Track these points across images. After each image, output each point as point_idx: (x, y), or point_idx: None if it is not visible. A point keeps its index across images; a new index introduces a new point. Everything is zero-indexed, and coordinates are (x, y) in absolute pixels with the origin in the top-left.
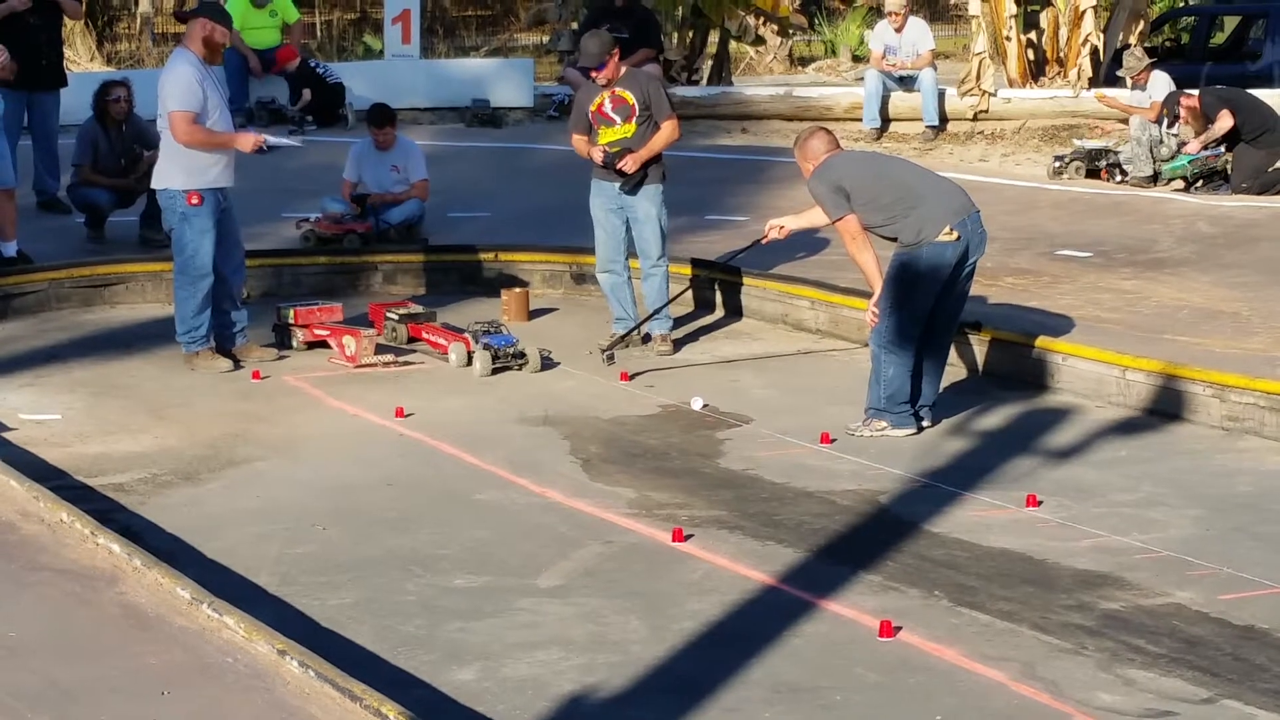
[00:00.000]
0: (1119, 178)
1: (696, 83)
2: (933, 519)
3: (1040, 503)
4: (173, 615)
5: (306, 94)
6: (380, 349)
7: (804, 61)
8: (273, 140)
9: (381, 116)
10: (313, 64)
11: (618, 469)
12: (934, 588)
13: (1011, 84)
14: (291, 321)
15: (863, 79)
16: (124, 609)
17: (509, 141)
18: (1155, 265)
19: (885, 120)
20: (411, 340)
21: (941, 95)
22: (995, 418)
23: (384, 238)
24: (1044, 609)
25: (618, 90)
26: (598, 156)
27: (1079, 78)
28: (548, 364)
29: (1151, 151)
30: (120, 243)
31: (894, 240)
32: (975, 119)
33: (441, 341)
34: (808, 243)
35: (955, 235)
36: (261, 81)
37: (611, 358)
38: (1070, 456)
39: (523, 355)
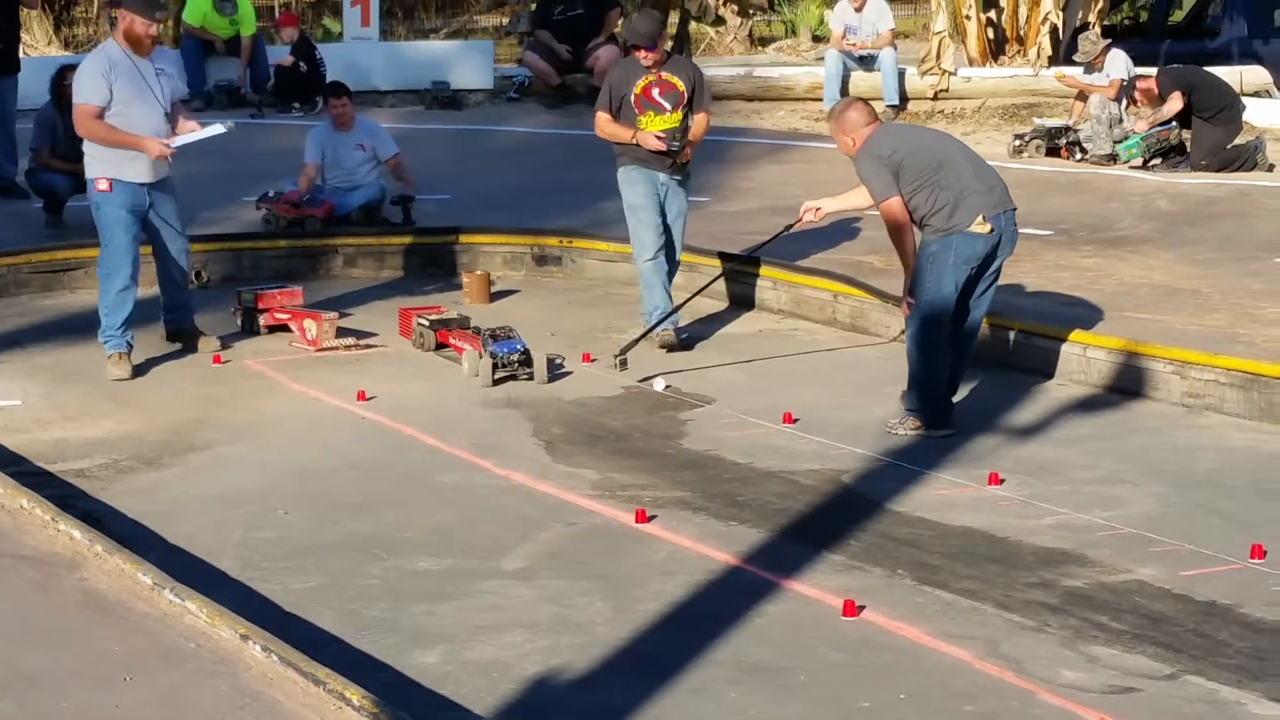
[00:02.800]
0: (1079, 156)
1: None
2: (896, 498)
3: (1003, 481)
4: (134, 601)
5: (301, 65)
6: (341, 332)
7: (764, 41)
8: (187, 139)
9: (334, 88)
10: (313, 42)
11: (581, 451)
12: (897, 567)
13: (971, 63)
14: (253, 305)
15: (823, 59)
16: (85, 595)
17: (469, 123)
18: (1116, 243)
19: None
20: (440, 346)
21: (902, 75)
22: (957, 396)
23: (345, 221)
24: (1007, 587)
25: (665, 75)
26: (653, 143)
27: (1039, 56)
28: (557, 374)
29: (1110, 129)
30: (79, 228)
31: (920, 225)
32: (935, 98)
33: (463, 346)
34: (769, 224)
35: (989, 228)
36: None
37: (625, 363)
38: (1032, 434)
39: (529, 363)
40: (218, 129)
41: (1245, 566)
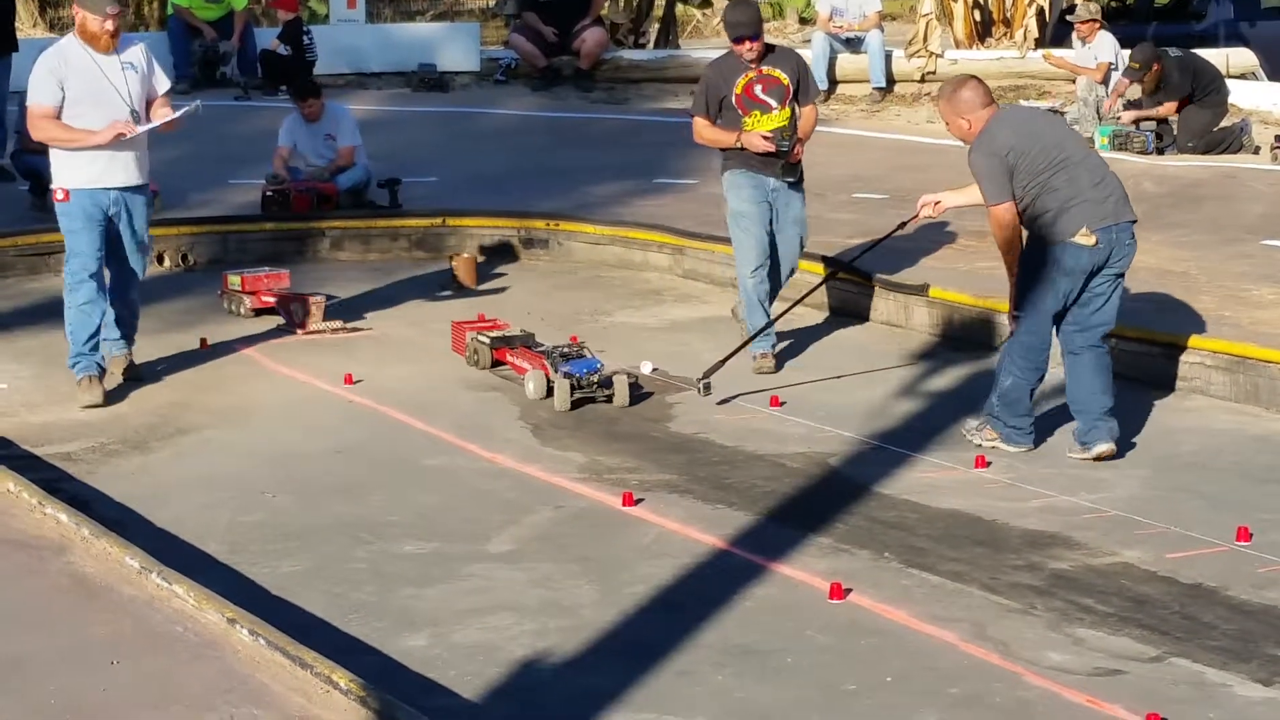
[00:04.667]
0: None
1: (643, 46)
2: (882, 481)
3: (989, 463)
4: (121, 584)
5: (284, 49)
6: (328, 315)
7: None
8: (153, 125)
9: (304, 90)
10: (305, 29)
11: (567, 434)
12: (884, 549)
13: (958, 45)
14: (239, 288)
15: (810, 41)
16: (72, 579)
17: (456, 106)
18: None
19: (833, 82)
20: (496, 364)
21: (889, 57)
22: (944, 379)
23: (331, 204)
24: (993, 569)
25: (766, 69)
26: (760, 144)
27: (1025, 38)
28: (638, 396)
29: (1098, 112)
30: None
31: (1025, 228)
32: (923, 80)
33: (524, 365)
34: None
35: (1094, 240)
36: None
37: (709, 387)
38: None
39: (609, 384)
40: (185, 110)
41: (1231, 549)
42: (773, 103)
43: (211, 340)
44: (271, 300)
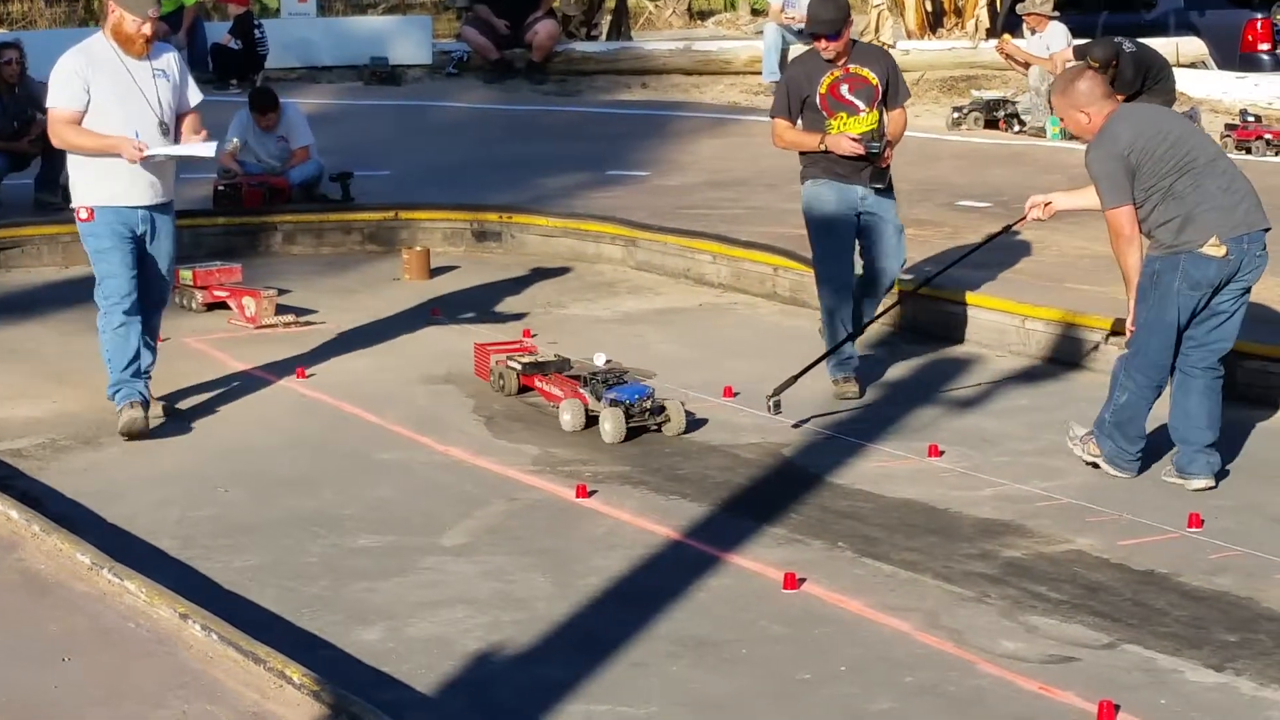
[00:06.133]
0: (1017, 128)
1: (595, 38)
2: (836, 471)
3: (942, 453)
4: (73, 581)
5: (235, 43)
6: (280, 309)
7: (703, 15)
8: (168, 150)
9: (263, 102)
10: (256, 22)
11: (521, 426)
12: (837, 539)
13: (910, 36)
14: (191, 283)
15: (762, 32)
16: (23, 575)
17: (408, 99)
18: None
19: None
20: (523, 390)
21: None
22: (897, 369)
23: (284, 198)
24: (947, 558)
25: (853, 68)
26: (848, 146)
27: (977, 29)
28: (694, 422)
29: (1049, 102)
30: (15, 206)
31: (1146, 235)
32: None
33: (557, 393)
34: (709, 198)
35: (1224, 251)
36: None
37: (778, 405)
38: (972, 406)
39: (662, 410)
40: (210, 148)
41: (1182, 536)
42: (860, 104)
43: (163, 335)
44: (224, 294)
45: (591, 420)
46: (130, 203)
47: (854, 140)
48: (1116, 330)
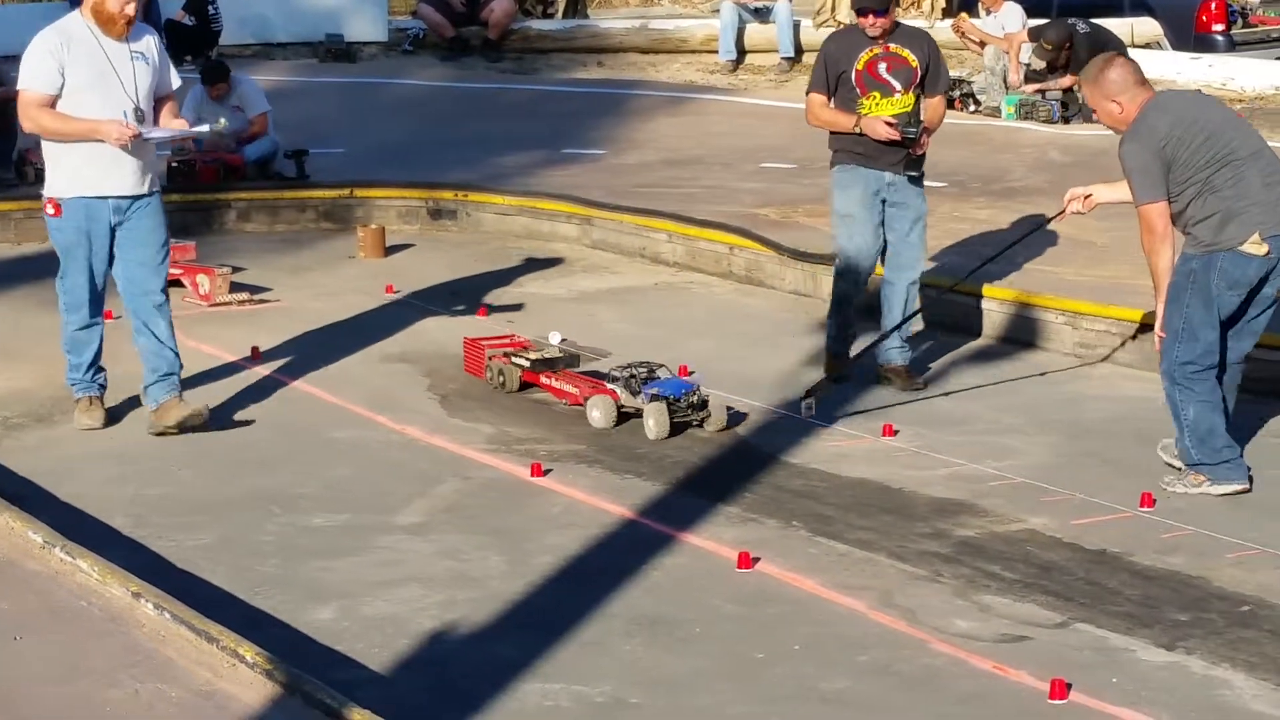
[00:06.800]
0: (972, 107)
1: (552, 15)
2: (790, 450)
3: (897, 432)
4: (25, 560)
5: (189, 19)
6: (234, 287)
7: None
8: (162, 132)
9: (213, 74)
10: None
11: (476, 405)
12: (792, 518)
13: None
14: None
15: (718, 11)
16: None
17: (363, 76)
18: (1009, 194)
19: (741, 52)
20: (525, 387)
21: (797, 26)
22: (851, 348)
23: (239, 175)
24: (901, 537)
25: (894, 47)
26: (883, 130)
27: (933, 9)
28: (736, 417)
29: (1005, 81)
30: None
31: (1182, 231)
32: None
33: (571, 389)
34: (665, 177)
35: (1266, 249)
36: None
37: (813, 405)
38: (926, 386)
39: (704, 406)
40: (203, 128)
41: (1135, 515)
42: (897, 84)
43: (116, 314)
44: (178, 272)
45: (623, 416)
46: (106, 192)
47: (889, 124)
48: (1148, 324)
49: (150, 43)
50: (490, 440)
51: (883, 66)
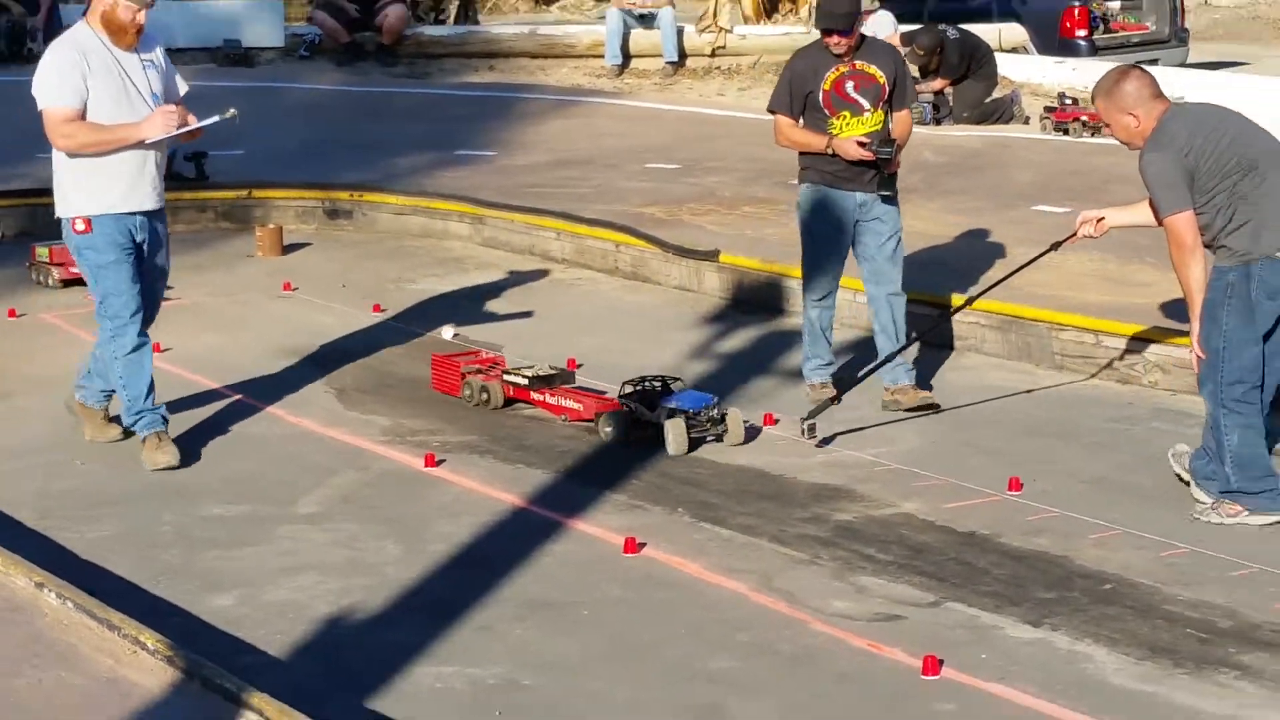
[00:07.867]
0: None
1: (443, 21)
2: None
3: (777, 421)
4: None
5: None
6: None
7: (548, 0)
8: (203, 123)
9: None
10: None
11: (372, 398)
12: (677, 505)
13: (747, 21)
14: (47, 260)
15: (604, 17)
16: None
17: (261, 80)
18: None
19: (626, 56)
20: (509, 403)
21: (680, 32)
22: (735, 340)
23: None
24: (781, 522)
25: (860, 64)
26: (855, 151)
27: (810, 15)
28: (752, 432)
29: None
30: None
31: (1211, 246)
32: (713, 55)
33: (573, 406)
34: (554, 177)
35: None
36: None
37: (814, 428)
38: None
39: (722, 421)
40: (214, 119)
41: (1003, 499)
42: (865, 103)
43: (19, 310)
44: (79, 272)
45: (639, 430)
46: (131, 209)
47: (862, 144)
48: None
49: (158, 51)
50: (385, 432)
51: (850, 85)
